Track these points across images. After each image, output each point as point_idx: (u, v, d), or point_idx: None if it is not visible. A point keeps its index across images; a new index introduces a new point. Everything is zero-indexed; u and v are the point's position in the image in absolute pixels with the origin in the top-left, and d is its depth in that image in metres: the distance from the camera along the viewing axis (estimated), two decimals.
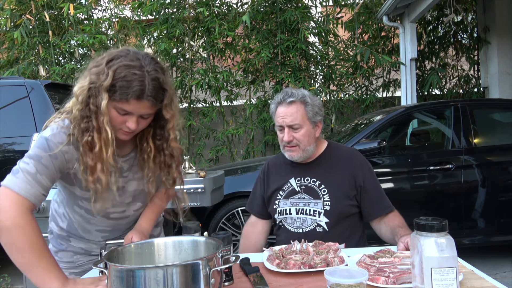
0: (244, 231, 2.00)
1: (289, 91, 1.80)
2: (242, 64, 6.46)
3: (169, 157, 1.38)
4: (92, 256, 1.53)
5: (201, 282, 0.96)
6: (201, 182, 3.03)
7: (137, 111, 1.22)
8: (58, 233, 1.53)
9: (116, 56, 1.21)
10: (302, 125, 1.76)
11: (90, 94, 1.21)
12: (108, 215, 1.44)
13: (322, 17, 6.62)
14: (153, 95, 1.20)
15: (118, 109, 1.21)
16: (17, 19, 6.25)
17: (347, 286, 0.98)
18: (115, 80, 1.17)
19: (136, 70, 1.18)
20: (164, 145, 1.37)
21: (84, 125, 1.23)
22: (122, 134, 1.29)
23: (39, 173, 1.20)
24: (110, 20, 6.55)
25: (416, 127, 4.70)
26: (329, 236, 1.70)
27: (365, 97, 6.75)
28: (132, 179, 1.44)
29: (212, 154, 6.30)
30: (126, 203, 1.46)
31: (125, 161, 1.41)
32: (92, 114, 1.22)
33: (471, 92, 7.18)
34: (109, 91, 1.18)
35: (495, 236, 3.67)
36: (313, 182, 1.81)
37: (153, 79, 1.20)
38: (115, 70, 1.18)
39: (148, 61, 1.22)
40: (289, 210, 1.81)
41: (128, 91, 1.17)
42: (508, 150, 3.79)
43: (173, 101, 1.29)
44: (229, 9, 6.46)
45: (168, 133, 1.35)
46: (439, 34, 7.36)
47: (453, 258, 0.97)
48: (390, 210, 1.77)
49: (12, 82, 4.04)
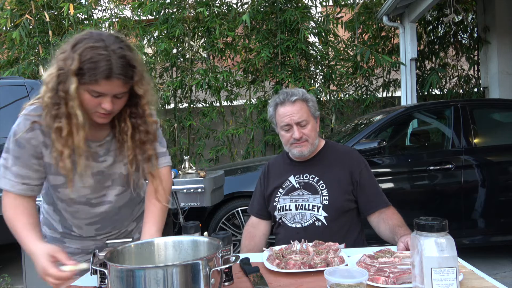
0: (245, 232, 2.00)
1: (288, 91, 1.85)
2: (242, 64, 6.46)
3: (145, 134, 1.38)
4: (90, 255, 1.52)
5: (201, 282, 0.96)
6: (201, 182, 3.04)
7: (109, 91, 1.22)
8: (51, 236, 1.53)
9: (80, 39, 1.21)
10: (308, 121, 1.82)
11: (59, 81, 1.22)
12: (89, 201, 1.44)
13: (322, 17, 6.62)
14: (122, 72, 1.20)
15: (90, 91, 1.21)
16: (17, 19, 6.25)
17: (347, 286, 0.98)
18: (82, 63, 1.17)
19: (102, 50, 1.18)
20: (139, 122, 1.36)
21: (55, 112, 1.24)
22: (99, 117, 1.29)
23: (14, 165, 1.31)
24: (110, 20, 6.54)
25: (416, 127, 4.70)
26: (328, 231, 1.73)
27: (365, 97, 6.74)
28: (110, 163, 1.43)
29: (212, 154, 6.30)
30: (106, 186, 1.45)
31: (101, 145, 1.41)
32: (61, 100, 1.23)
33: (471, 92, 7.18)
34: (78, 75, 1.18)
35: (495, 236, 3.67)
36: (311, 178, 1.84)
37: (120, 57, 1.20)
38: (81, 53, 1.18)
39: (113, 40, 1.22)
40: (288, 206, 1.84)
41: (96, 72, 1.17)
42: (508, 150, 3.79)
43: (144, 77, 1.29)
44: (229, 9, 6.46)
45: (142, 109, 1.34)
46: (439, 34, 7.37)
47: (453, 258, 0.97)
48: (386, 205, 1.79)
49: (12, 82, 4.04)
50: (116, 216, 1.52)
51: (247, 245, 1.94)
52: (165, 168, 1.52)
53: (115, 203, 1.50)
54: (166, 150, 1.55)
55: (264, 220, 1.98)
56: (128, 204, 1.54)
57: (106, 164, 1.43)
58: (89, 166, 1.35)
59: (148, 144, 1.39)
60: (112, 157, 1.43)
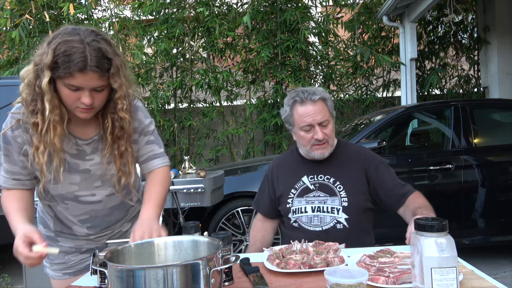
0: (254, 225, 1.98)
1: (309, 90, 1.78)
2: (242, 64, 6.46)
3: (119, 129, 1.35)
4: (84, 254, 1.52)
5: (201, 282, 0.96)
6: (201, 182, 3.04)
7: (86, 84, 1.20)
8: (46, 234, 1.53)
9: (55, 35, 1.21)
10: (329, 121, 1.77)
11: (35, 76, 1.22)
12: (77, 198, 1.43)
13: (322, 17, 6.62)
14: (97, 65, 1.18)
15: (67, 85, 1.20)
16: (17, 19, 6.25)
17: (347, 286, 0.98)
18: (56, 57, 1.17)
19: (76, 44, 1.17)
20: (116, 117, 1.34)
21: (32, 108, 1.26)
22: (81, 112, 1.27)
23: (4, 162, 1.37)
24: (110, 20, 6.54)
25: (416, 127, 4.70)
26: (349, 232, 1.70)
27: (365, 97, 6.74)
28: (97, 162, 1.41)
29: (212, 154, 6.30)
30: (95, 186, 1.44)
31: (88, 143, 1.40)
32: (38, 96, 1.24)
33: (471, 92, 7.18)
34: (52, 69, 1.18)
35: (495, 236, 3.67)
36: (327, 179, 1.80)
37: (95, 49, 1.19)
38: (55, 48, 1.17)
39: (88, 33, 1.21)
40: (304, 208, 1.79)
41: (69, 64, 1.16)
42: (508, 150, 3.79)
43: (121, 69, 1.26)
44: (229, 9, 6.46)
45: (116, 102, 1.32)
46: (439, 34, 7.36)
47: (453, 258, 0.97)
48: (411, 192, 1.72)
49: (12, 82, 4.04)
50: (108, 217, 1.51)
51: (259, 238, 1.92)
52: (164, 168, 1.51)
53: (105, 203, 1.48)
54: (163, 150, 1.54)
55: (271, 219, 1.96)
56: (120, 206, 1.52)
57: (93, 163, 1.41)
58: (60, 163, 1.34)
59: (122, 140, 1.37)
60: (100, 157, 1.41)
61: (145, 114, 1.49)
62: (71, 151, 1.38)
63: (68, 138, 1.37)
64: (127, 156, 1.40)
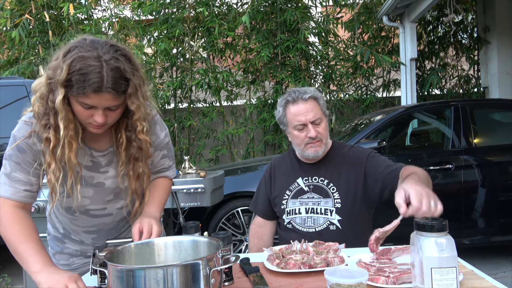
0: (253, 231, 1.97)
1: (300, 89, 1.80)
2: (242, 64, 6.47)
3: (137, 150, 1.31)
4: (88, 258, 1.51)
5: (201, 282, 0.96)
6: (201, 182, 3.04)
7: (100, 104, 1.15)
8: (54, 235, 1.53)
9: (72, 47, 1.14)
10: (322, 119, 1.78)
11: (49, 90, 1.17)
12: (88, 212, 1.41)
13: (322, 17, 6.62)
14: (113, 86, 1.12)
15: (81, 103, 1.15)
16: (17, 19, 6.25)
17: (347, 286, 0.98)
18: (70, 74, 1.10)
19: (92, 61, 1.10)
20: (133, 137, 1.29)
21: (44, 122, 1.20)
22: (93, 128, 1.23)
23: (13, 171, 1.26)
24: (110, 20, 6.54)
25: (416, 127, 4.70)
26: (342, 234, 1.70)
27: (365, 97, 6.75)
28: (112, 175, 1.38)
29: (212, 154, 6.30)
30: (107, 200, 1.41)
31: (103, 155, 1.36)
32: (50, 110, 1.18)
33: (471, 92, 7.18)
34: (66, 86, 1.12)
35: (495, 236, 3.67)
36: (321, 181, 1.81)
37: (112, 69, 1.11)
38: (70, 64, 1.10)
39: (107, 49, 1.13)
40: (298, 209, 1.80)
41: (84, 84, 1.09)
42: (508, 150, 3.79)
43: (139, 90, 1.20)
44: (229, 9, 6.46)
45: (135, 124, 1.27)
46: (439, 34, 7.36)
47: (453, 258, 0.97)
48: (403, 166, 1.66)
49: (12, 82, 4.04)
50: (114, 229, 1.51)
51: (257, 244, 1.92)
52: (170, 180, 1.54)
53: (115, 217, 1.47)
54: (173, 162, 1.54)
55: (269, 221, 1.96)
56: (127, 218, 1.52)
57: (107, 176, 1.38)
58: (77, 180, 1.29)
59: (140, 162, 1.33)
60: (114, 170, 1.38)
61: (161, 126, 1.46)
62: (86, 163, 1.34)
63: (83, 150, 1.32)
64: (143, 177, 1.37)
